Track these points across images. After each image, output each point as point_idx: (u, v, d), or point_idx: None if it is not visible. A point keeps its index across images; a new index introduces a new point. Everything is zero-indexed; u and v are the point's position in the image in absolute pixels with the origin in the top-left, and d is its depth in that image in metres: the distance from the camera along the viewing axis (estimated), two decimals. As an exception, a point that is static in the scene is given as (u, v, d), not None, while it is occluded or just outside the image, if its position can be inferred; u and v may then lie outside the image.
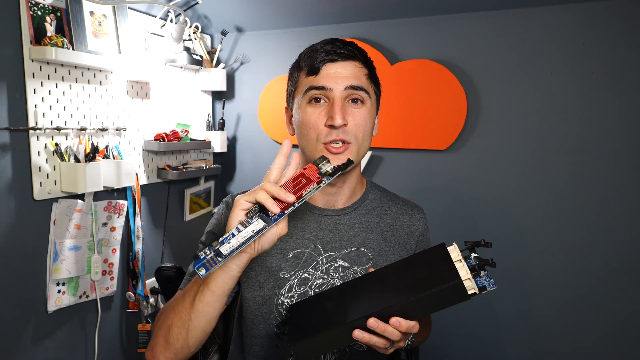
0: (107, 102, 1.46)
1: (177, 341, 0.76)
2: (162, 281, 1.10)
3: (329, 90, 0.83)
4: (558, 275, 1.52)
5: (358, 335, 0.66)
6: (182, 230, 1.86)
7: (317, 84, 0.84)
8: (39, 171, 1.25)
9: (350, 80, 0.83)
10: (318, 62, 0.84)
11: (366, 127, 0.85)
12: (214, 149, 1.91)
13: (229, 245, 0.65)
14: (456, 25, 1.59)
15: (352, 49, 0.86)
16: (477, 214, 1.62)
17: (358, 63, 0.86)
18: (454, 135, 1.61)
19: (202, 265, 0.64)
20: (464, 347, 1.68)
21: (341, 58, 0.84)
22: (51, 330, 1.34)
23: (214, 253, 0.64)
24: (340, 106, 0.82)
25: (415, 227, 0.98)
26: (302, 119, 0.86)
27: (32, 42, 1.20)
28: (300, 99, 0.87)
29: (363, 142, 0.86)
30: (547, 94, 1.49)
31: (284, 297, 0.87)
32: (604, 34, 1.41)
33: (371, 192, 0.98)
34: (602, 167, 1.44)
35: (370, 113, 0.86)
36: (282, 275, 0.88)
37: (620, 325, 1.46)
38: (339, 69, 0.84)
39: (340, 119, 0.81)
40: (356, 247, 0.91)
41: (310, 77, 0.85)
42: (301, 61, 0.89)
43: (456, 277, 0.63)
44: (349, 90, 0.83)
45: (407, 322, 0.66)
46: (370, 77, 0.88)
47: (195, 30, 1.81)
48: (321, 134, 0.84)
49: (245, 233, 0.65)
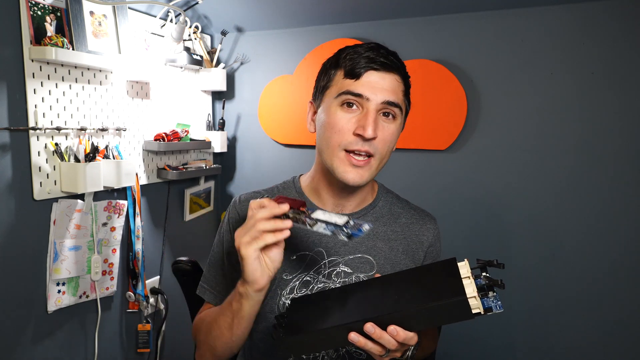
0: (107, 102, 1.46)
1: (224, 354, 0.85)
2: (179, 274, 1.21)
3: (366, 100, 0.80)
4: (558, 275, 1.52)
5: (353, 338, 0.66)
6: (182, 230, 1.86)
7: (355, 90, 0.80)
8: (39, 171, 1.25)
9: (389, 95, 0.81)
10: (360, 67, 0.81)
11: (391, 143, 0.84)
12: (214, 149, 1.91)
13: (336, 218, 0.71)
14: (456, 25, 1.59)
15: (395, 60, 0.83)
16: (477, 214, 1.62)
17: (398, 77, 0.83)
18: (454, 135, 1.61)
19: (360, 229, 0.70)
20: (464, 347, 1.68)
21: (384, 68, 0.81)
22: (51, 330, 1.34)
23: (345, 227, 0.70)
24: (374, 118, 0.80)
25: (425, 237, 0.95)
26: (329, 121, 0.83)
27: (32, 42, 1.20)
28: (333, 99, 0.83)
29: (384, 157, 0.85)
30: (547, 94, 1.49)
31: (285, 298, 0.87)
32: (604, 34, 1.41)
33: (382, 198, 0.97)
34: (602, 167, 1.44)
35: (398, 130, 0.85)
36: (284, 276, 0.88)
37: (620, 325, 1.46)
38: (380, 80, 0.81)
39: (372, 131, 0.79)
40: (361, 253, 0.90)
41: (348, 79, 0.82)
42: (341, 60, 0.85)
43: (461, 293, 0.61)
44: (385, 105, 0.81)
45: (405, 332, 0.64)
46: (405, 93, 0.86)
47: (195, 30, 1.81)
48: (346, 141, 0.81)
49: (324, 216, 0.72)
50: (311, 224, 0.70)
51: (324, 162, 0.86)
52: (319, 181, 0.92)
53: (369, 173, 0.83)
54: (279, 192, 0.96)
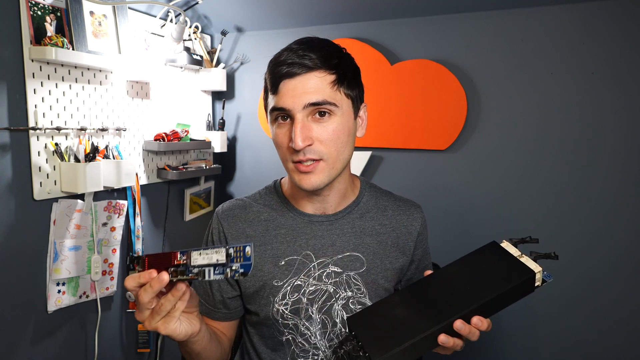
0: (107, 102, 1.46)
1: None
2: None
3: (289, 110, 0.78)
4: (558, 276, 1.52)
5: (444, 340, 0.66)
6: (182, 230, 1.86)
7: (277, 105, 0.79)
8: (39, 171, 1.25)
9: (310, 97, 0.77)
10: (277, 78, 0.79)
11: (338, 139, 0.80)
12: (214, 149, 1.91)
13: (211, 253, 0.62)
14: (456, 25, 1.59)
15: (315, 56, 0.78)
16: (477, 214, 1.62)
17: (320, 72, 0.78)
18: (454, 135, 1.61)
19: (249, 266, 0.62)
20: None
21: (301, 70, 0.77)
22: (51, 330, 1.34)
23: (230, 263, 0.62)
24: (301, 127, 0.77)
25: (413, 227, 0.95)
26: (273, 139, 0.85)
27: (32, 42, 1.20)
28: (270, 117, 0.84)
29: (339, 155, 0.82)
30: (547, 94, 1.49)
31: (278, 305, 0.87)
32: (604, 34, 1.41)
33: (365, 193, 0.96)
34: (602, 167, 1.44)
35: (342, 123, 0.81)
36: (275, 283, 0.88)
37: (620, 325, 1.45)
38: (298, 84, 0.77)
39: (301, 141, 0.77)
40: (349, 252, 0.90)
41: (272, 95, 0.81)
42: (266, 73, 0.84)
43: (529, 271, 0.65)
44: (310, 108, 0.78)
45: (487, 320, 0.67)
46: (338, 81, 0.80)
47: (195, 30, 1.81)
48: (289, 154, 0.81)
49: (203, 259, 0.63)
50: (198, 273, 0.62)
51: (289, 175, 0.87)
52: (292, 188, 0.93)
53: (323, 175, 0.81)
54: (262, 197, 0.96)
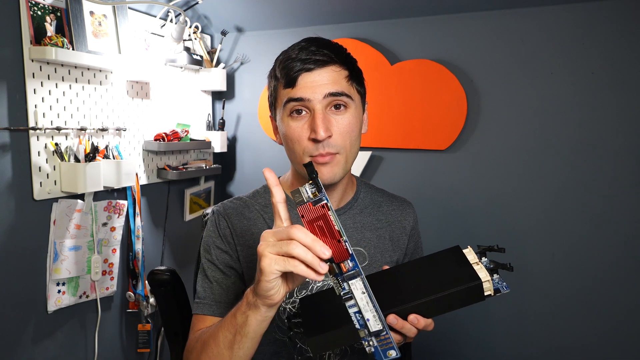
0: (107, 102, 1.46)
1: None
2: (155, 285, 1.06)
3: (308, 101, 0.79)
4: (558, 276, 1.52)
5: None
6: (182, 230, 1.86)
7: (295, 96, 0.79)
8: (39, 171, 1.25)
9: (329, 87, 0.79)
10: (294, 73, 0.80)
11: (352, 133, 0.82)
12: (214, 149, 1.91)
13: (372, 315, 0.61)
14: (456, 25, 1.59)
15: (328, 52, 0.81)
16: (477, 214, 1.62)
17: (336, 67, 0.81)
18: (454, 135, 1.61)
19: (385, 352, 0.62)
20: (462, 347, 1.67)
21: (317, 65, 0.79)
22: (51, 330, 1.34)
23: (373, 336, 0.61)
24: (322, 117, 0.78)
25: (407, 222, 0.99)
26: (286, 133, 0.83)
27: (32, 42, 1.20)
28: (282, 111, 0.83)
29: (351, 148, 0.83)
30: (547, 94, 1.49)
31: (285, 303, 0.87)
32: (604, 34, 1.41)
33: (362, 190, 0.99)
34: (602, 167, 1.44)
35: (355, 116, 0.83)
36: None
37: (619, 325, 1.45)
38: (317, 77, 0.79)
39: (324, 131, 0.77)
40: (352, 246, 0.91)
41: (287, 89, 0.81)
42: (277, 70, 0.84)
43: (476, 278, 0.65)
44: (330, 98, 0.79)
45: (425, 319, 0.67)
46: (351, 77, 0.83)
47: (195, 30, 1.81)
48: (307, 148, 0.81)
49: (362, 298, 0.61)
50: (343, 294, 0.60)
51: (298, 171, 0.87)
52: (294, 186, 0.93)
53: (339, 167, 0.82)
54: (262, 197, 0.95)
